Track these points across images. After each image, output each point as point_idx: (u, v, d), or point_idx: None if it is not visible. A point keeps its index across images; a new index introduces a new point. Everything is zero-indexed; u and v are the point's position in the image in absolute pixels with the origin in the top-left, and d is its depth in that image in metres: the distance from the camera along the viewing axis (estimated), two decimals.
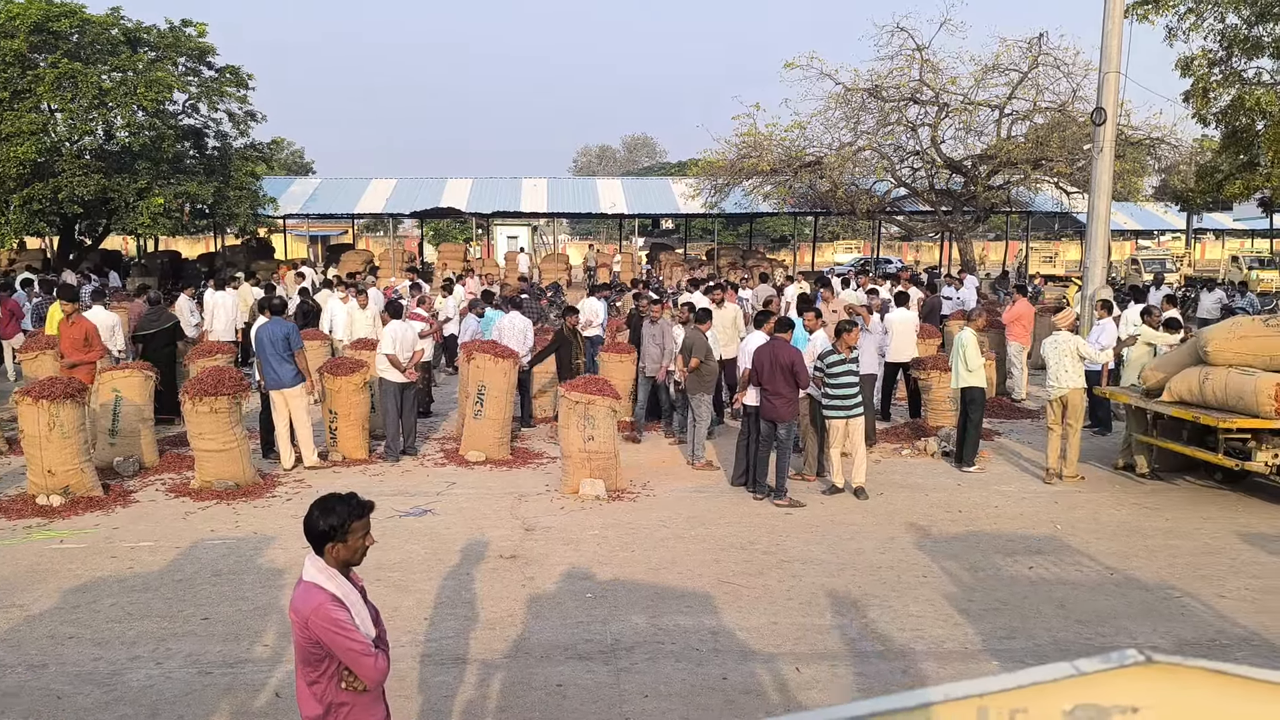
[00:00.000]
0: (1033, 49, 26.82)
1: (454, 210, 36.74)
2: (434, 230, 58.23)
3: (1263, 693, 1.04)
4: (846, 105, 28.56)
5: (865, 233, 53.98)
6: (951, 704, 0.99)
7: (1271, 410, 9.41)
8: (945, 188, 30.22)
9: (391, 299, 14.54)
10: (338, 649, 3.46)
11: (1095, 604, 7.49)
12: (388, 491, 10.41)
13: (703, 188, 32.45)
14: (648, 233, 57.12)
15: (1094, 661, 1.03)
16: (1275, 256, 40.76)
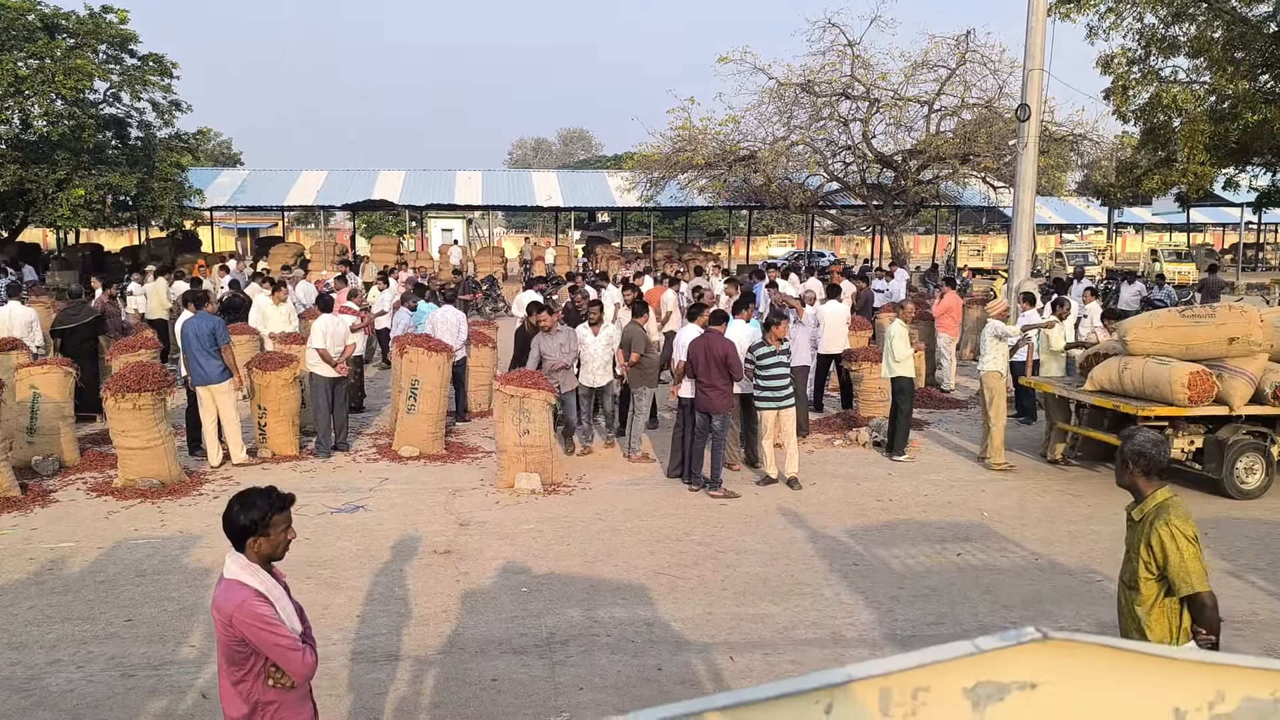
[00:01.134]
0: (960, 46, 27.32)
1: (387, 203, 36.29)
2: (366, 223, 57.39)
3: (1152, 665, 1.08)
4: (780, 100, 28.81)
5: (799, 226, 54.57)
6: (854, 684, 1.01)
7: (1185, 399, 9.73)
8: (876, 182, 30.67)
9: (322, 293, 14.29)
10: (264, 645, 3.40)
11: (1021, 588, 7.68)
12: (319, 488, 10.26)
13: (638, 181, 32.49)
14: (584, 226, 57.05)
15: (993, 640, 1.06)
16: (1192, 250, 42.13)
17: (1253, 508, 9.78)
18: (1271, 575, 7.96)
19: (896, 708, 1.02)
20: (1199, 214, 48.71)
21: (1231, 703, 1.12)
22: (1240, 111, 16.10)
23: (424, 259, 34.47)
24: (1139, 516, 4.08)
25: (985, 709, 1.05)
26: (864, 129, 28.81)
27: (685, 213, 44.85)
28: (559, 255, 36.45)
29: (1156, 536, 3.92)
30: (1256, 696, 1.12)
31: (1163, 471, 4.10)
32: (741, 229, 51.47)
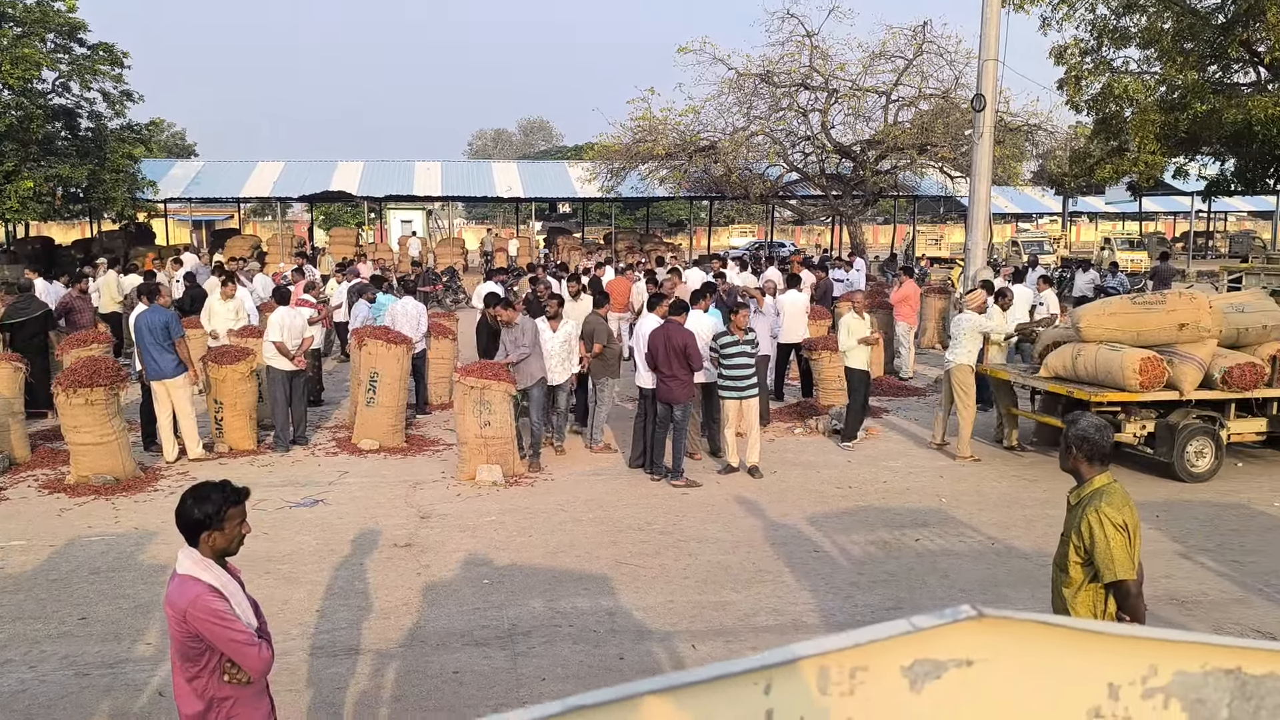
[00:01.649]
0: (917, 37, 27.51)
1: (345, 194, 35.94)
2: (325, 214, 56.78)
3: (1086, 641, 1.11)
4: (739, 90, 28.86)
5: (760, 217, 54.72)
6: (793, 664, 1.02)
7: (1137, 384, 9.91)
8: (835, 172, 30.83)
9: (279, 285, 14.13)
10: (219, 641, 3.37)
11: (977, 573, 7.79)
12: (277, 482, 10.16)
13: (599, 171, 32.42)
14: (545, 216, 56.82)
15: (929, 618, 1.08)
16: (1144, 238, 42.83)
17: (1202, 490, 9.99)
18: (1220, 556, 8.14)
19: (835, 686, 1.04)
20: (1151, 203, 49.51)
21: (1164, 676, 1.15)
22: (1189, 101, 16.39)
23: (383, 250, 34.16)
24: (1075, 501, 4.14)
25: (922, 686, 1.07)
26: (823, 119, 28.95)
27: (646, 203, 44.83)
28: (521, 246, 36.28)
29: (1086, 522, 3.98)
30: (1188, 670, 1.16)
31: (1105, 457, 4.14)
32: (703, 219, 51.54)
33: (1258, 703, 1.19)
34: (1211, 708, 1.18)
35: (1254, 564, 7.96)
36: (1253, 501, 9.66)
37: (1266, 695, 1.20)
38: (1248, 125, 15.72)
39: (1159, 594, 7.29)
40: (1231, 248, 46.02)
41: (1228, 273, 13.24)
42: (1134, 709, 1.16)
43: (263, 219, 61.06)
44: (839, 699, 1.05)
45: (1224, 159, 20.07)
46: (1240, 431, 10.60)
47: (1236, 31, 16.35)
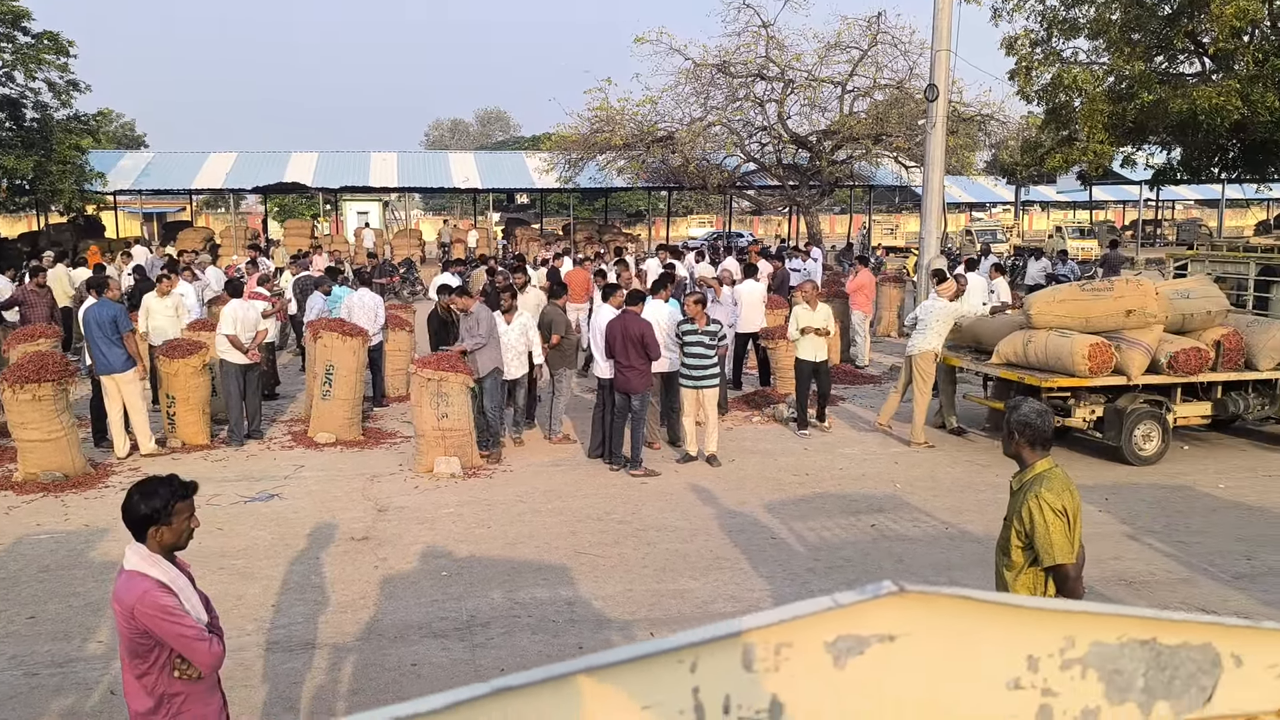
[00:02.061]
0: (872, 28, 27.68)
1: (299, 185, 35.52)
2: (279, 206, 56.04)
3: (1006, 614, 1.14)
4: (696, 81, 28.86)
5: (718, 207, 54.91)
6: (717, 642, 1.05)
7: (1086, 369, 10.09)
8: (792, 162, 30.97)
9: (231, 278, 13.95)
10: (168, 636, 3.34)
11: (931, 557, 7.90)
12: (231, 477, 10.05)
13: (557, 162, 32.31)
14: (503, 208, 56.56)
15: (851, 594, 1.10)
16: (1094, 227, 43.54)
17: (1150, 473, 10.20)
18: (1167, 537, 8.32)
19: (760, 663, 1.06)
20: (1100, 191, 50.29)
21: (1081, 648, 1.19)
22: (1136, 92, 16.67)
23: (339, 242, 33.82)
24: (1017, 486, 4.21)
25: (846, 662, 1.09)
26: (779, 110, 29.06)
27: (605, 194, 44.79)
28: (480, 238, 36.11)
29: (1026, 508, 4.04)
30: (1104, 641, 1.20)
31: (1047, 442, 4.20)
32: (661, 210, 51.57)
33: (1172, 672, 1.24)
34: (1128, 677, 1.22)
35: (1199, 544, 8.15)
36: (1198, 483, 9.89)
37: (1180, 665, 1.24)
38: (1192, 115, 16.03)
39: (1108, 575, 7.45)
40: (1179, 236, 46.92)
41: (1174, 260, 13.48)
42: (1053, 680, 1.20)
43: (215, 211, 60.16)
44: (764, 675, 1.07)
45: (1170, 148, 20.44)
46: (1186, 415, 10.83)
47: (1182, 22, 16.65)
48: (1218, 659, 1.27)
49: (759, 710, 1.07)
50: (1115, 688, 1.21)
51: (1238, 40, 16.09)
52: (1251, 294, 11.63)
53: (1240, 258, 12.02)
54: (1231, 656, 1.27)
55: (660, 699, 1.03)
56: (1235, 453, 11.17)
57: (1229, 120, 15.91)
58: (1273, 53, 16.08)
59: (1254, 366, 10.74)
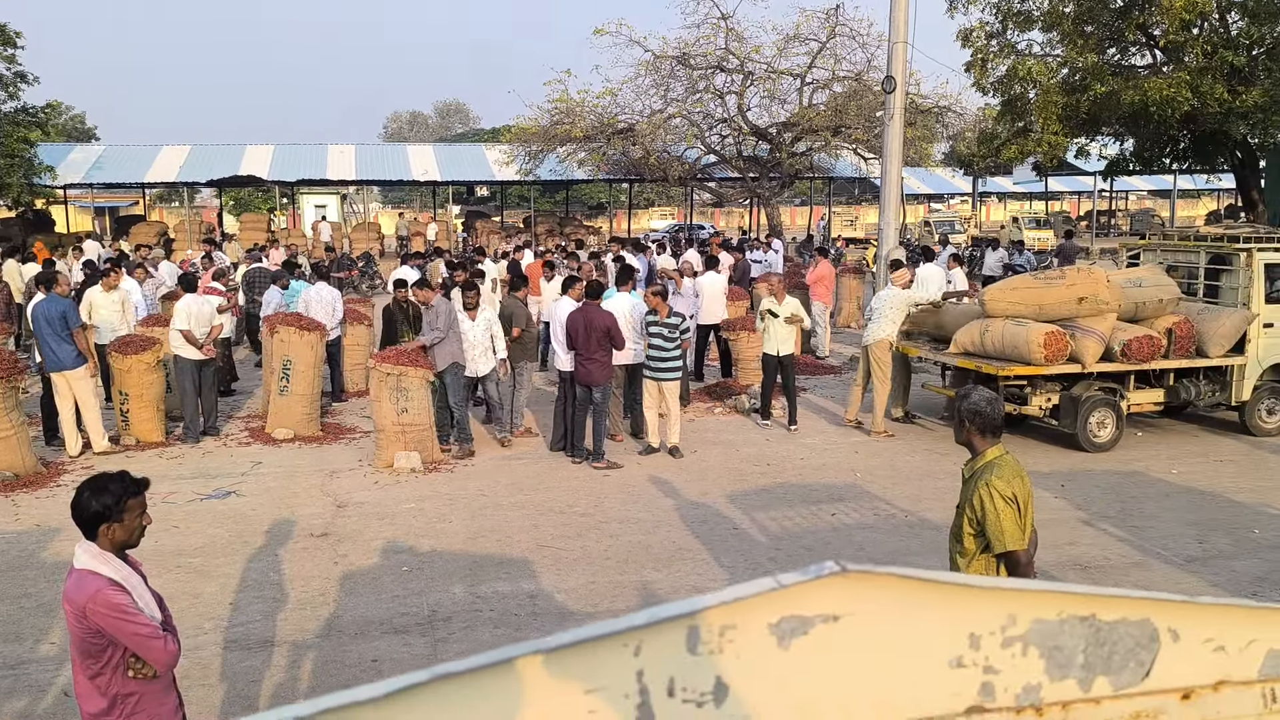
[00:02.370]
0: (830, 20, 27.84)
1: (255, 178, 35.06)
2: (234, 200, 55.29)
3: (947, 593, 1.16)
4: (656, 73, 28.89)
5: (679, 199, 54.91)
6: (661, 625, 1.05)
7: (1042, 358, 10.22)
8: (752, 154, 31.08)
9: (185, 272, 13.74)
10: (122, 635, 3.29)
11: (890, 544, 7.98)
12: (187, 474, 9.91)
13: (517, 154, 32.17)
14: (463, 200, 56.18)
15: (794, 575, 1.11)
16: (1050, 217, 44.12)
17: (1104, 459, 10.37)
18: (1122, 522, 8.47)
19: (704, 645, 1.06)
20: (1056, 182, 50.94)
21: (1022, 625, 1.21)
22: (1090, 83, 16.91)
23: (296, 236, 33.43)
24: (969, 474, 4.25)
25: (790, 642, 1.10)
26: (739, 102, 29.14)
27: (566, 186, 44.64)
28: (439, 230, 35.85)
29: (978, 495, 4.09)
30: (1044, 618, 1.22)
31: (997, 429, 4.23)
32: (622, 202, 51.51)
33: (1111, 647, 1.26)
34: (1068, 653, 1.25)
35: (1152, 529, 8.30)
36: (1151, 469, 10.07)
37: (1119, 640, 1.27)
38: (1144, 106, 16.28)
39: (1064, 560, 7.57)
40: (1132, 225, 47.67)
41: (1127, 250, 13.70)
42: (994, 657, 1.22)
43: (169, 205, 59.21)
44: (708, 657, 1.07)
45: (1123, 139, 20.76)
46: (1139, 402, 11.02)
47: (1133, 15, 16.90)
48: (1155, 634, 1.29)
49: (703, 693, 1.08)
50: (1055, 664, 1.24)
51: (1187, 33, 16.36)
52: (1202, 282, 11.84)
53: (1191, 247, 12.23)
54: (1169, 631, 1.30)
55: (604, 683, 1.03)
56: (1187, 438, 11.38)
57: (1179, 111, 16.19)
58: (1221, 45, 16.38)
59: (1205, 353, 10.94)
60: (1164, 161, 21.83)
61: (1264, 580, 7.24)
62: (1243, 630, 1.33)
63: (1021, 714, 1.22)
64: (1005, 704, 1.21)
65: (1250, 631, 1.34)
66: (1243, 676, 1.34)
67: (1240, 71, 16.24)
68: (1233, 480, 9.68)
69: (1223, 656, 1.33)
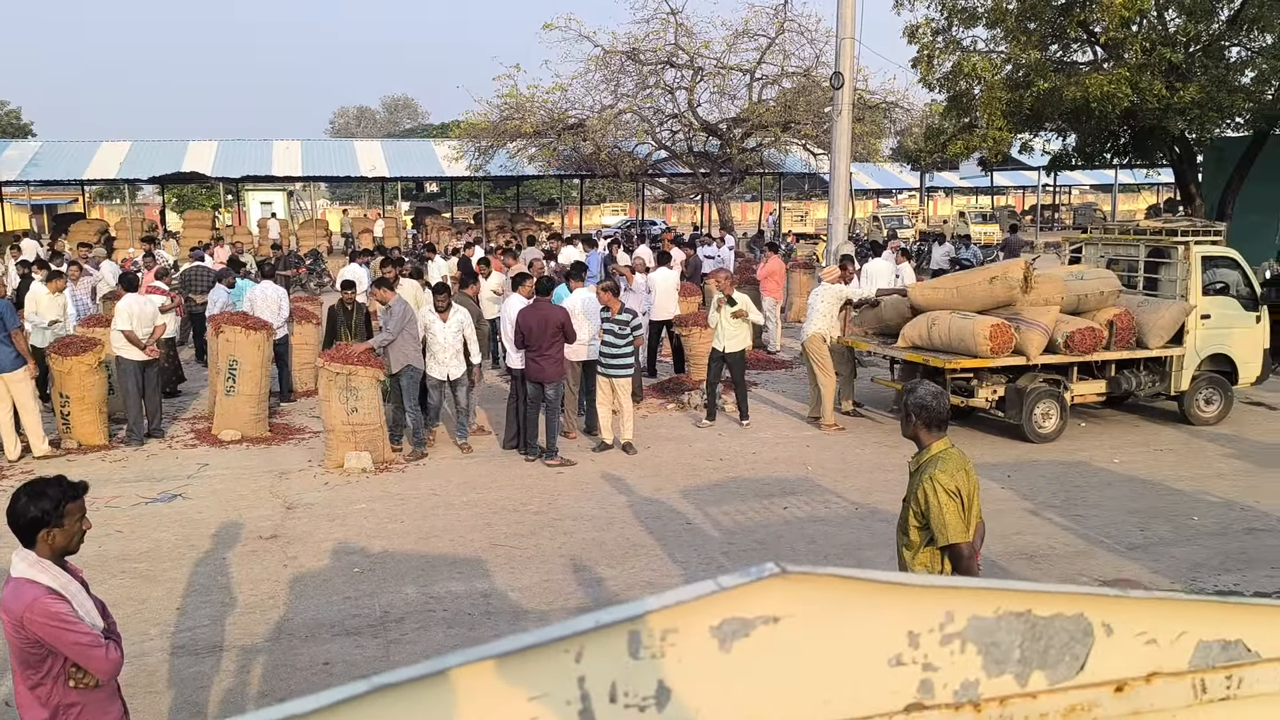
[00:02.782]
0: (778, 15, 27.96)
1: (198, 175, 34.45)
2: (177, 197, 54.25)
3: (886, 592, 1.17)
4: (606, 68, 28.81)
5: (631, 195, 54.92)
6: (602, 630, 1.05)
7: (988, 350, 10.38)
8: (703, 150, 31.15)
9: (126, 271, 13.46)
10: (62, 645, 3.22)
11: (842, 537, 8.06)
12: (131, 478, 9.73)
13: (466, 150, 31.92)
14: (412, 197, 55.69)
15: (735, 577, 1.12)
16: (996, 212, 44.80)
17: (1049, 450, 10.57)
18: (1066, 511, 8.63)
19: (645, 650, 1.07)
20: (1001, 177, 51.72)
21: (960, 622, 1.23)
22: (1033, 80, 17.18)
23: (241, 233, 32.91)
24: (915, 467, 4.31)
25: (731, 645, 1.11)
26: (689, 97, 29.18)
27: (517, 182, 44.43)
28: (387, 227, 35.49)
29: (922, 489, 4.15)
30: (982, 614, 1.24)
31: (943, 422, 4.29)
32: (574, 198, 51.40)
33: (1046, 642, 1.29)
34: (1005, 649, 1.27)
35: (1096, 517, 8.48)
36: (1094, 459, 10.28)
37: (1054, 635, 1.29)
38: (1085, 102, 16.57)
39: (1011, 550, 7.70)
40: (1075, 219, 48.58)
41: (1070, 243, 13.96)
42: (933, 655, 1.23)
43: (110, 202, 57.92)
44: (650, 661, 1.08)
45: (1065, 135, 21.12)
46: (1082, 393, 11.24)
47: (1074, 12, 17.18)
48: (1090, 628, 1.32)
49: (645, 697, 1.08)
50: (993, 660, 1.26)
51: (1126, 30, 16.68)
52: (1142, 275, 12.10)
53: (1131, 240, 12.49)
54: (1103, 625, 1.33)
55: (546, 689, 1.03)
56: (1128, 428, 11.63)
57: (1119, 107, 16.50)
58: (1159, 42, 16.72)
59: (1145, 345, 11.19)
60: (1105, 157, 22.25)
61: (1202, 566, 7.43)
62: (1173, 623, 1.37)
63: (960, 710, 1.24)
64: (944, 700, 1.23)
65: (1180, 624, 1.37)
66: (1174, 668, 1.38)
67: (1178, 68, 16.61)
68: (1172, 469, 9.91)
69: (1154, 649, 1.36)
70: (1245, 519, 8.41)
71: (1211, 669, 1.40)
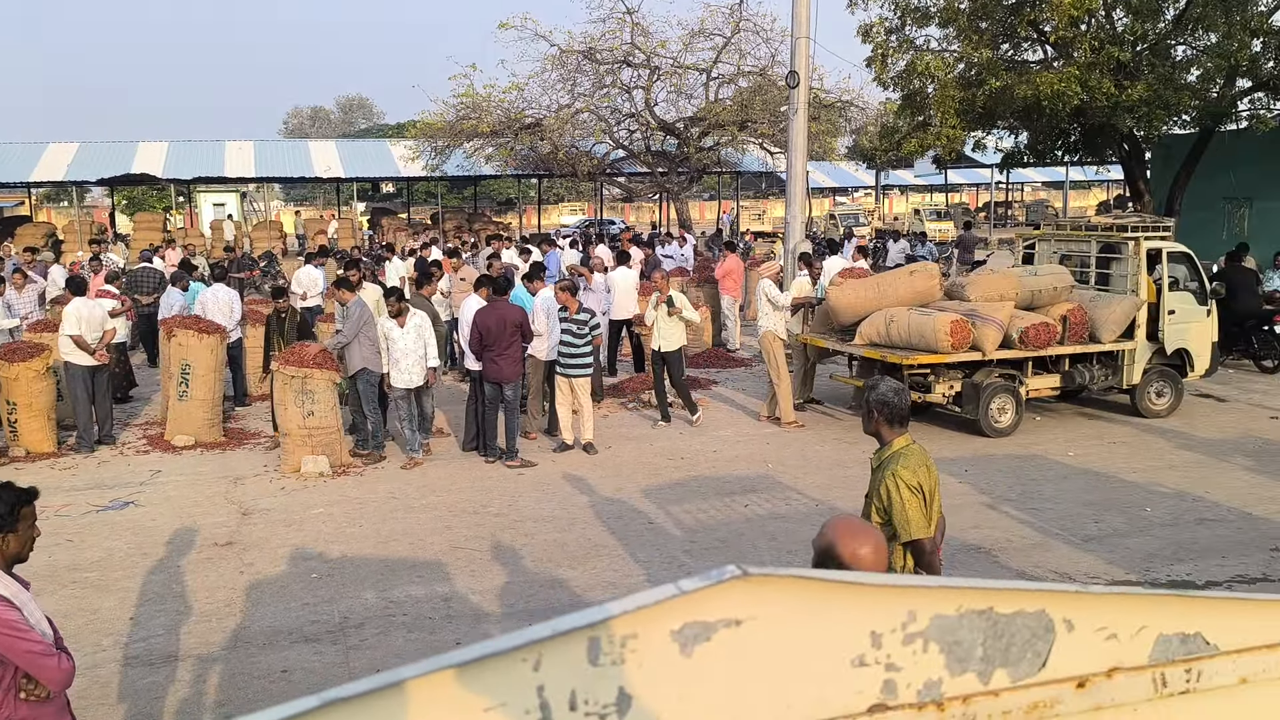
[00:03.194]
0: (734, 15, 28.04)
1: (148, 177, 33.86)
2: (127, 199, 53.29)
3: (848, 593, 1.17)
4: (562, 67, 28.73)
5: (589, 194, 54.85)
6: (563, 637, 1.03)
7: (948, 345, 10.48)
8: (661, 149, 31.17)
9: (74, 275, 13.18)
10: (14, 654, 3.14)
11: (803, 533, 8.08)
12: (82, 485, 9.53)
13: (423, 150, 31.67)
14: (368, 197, 55.20)
15: (695, 580, 1.11)
16: (950, 209, 45.31)
17: (1005, 444, 10.69)
18: (1023, 504, 8.74)
19: (605, 656, 1.05)
20: (955, 175, 52.28)
21: (922, 621, 1.23)
22: (985, 78, 17.36)
23: (194, 236, 32.40)
24: (877, 464, 4.33)
25: (693, 649, 1.10)
26: (646, 96, 29.19)
27: (474, 182, 44.15)
28: (342, 228, 35.11)
29: (884, 485, 4.17)
30: (944, 613, 1.24)
31: (904, 418, 4.31)
32: (532, 197, 51.21)
33: (1008, 640, 1.29)
34: (967, 647, 1.27)
35: (1051, 510, 8.59)
36: (1049, 452, 10.42)
37: (1016, 632, 1.30)
38: (1036, 100, 16.79)
39: (969, 543, 7.78)
40: (1028, 216, 49.27)
41: (1023, 239, 14.14)
42: (896, 654, 1.23)
43: (57, 205, 56.78)
44: (610, 668, 1.06)
45: (1017, 132, 21.37)
46: (1037, 388, 11.38)
47: (1025, 11, 17.40)
48: (1051, 624, 1.33)
49: (606, 705, 1.06)
50: (955, 658, 1.26)
51: (1076, 29, 16.92)
52: (1094, 271, 12.28)
53: (1083, 236, 12.67)
54: (1064, 621, 1.34)
55: (504, 699, 1.01)
56: (1082, 422, 11.80)
57: (1070, 105, 16.74)
58: (1108, 41, 16.97)
59: (1097, 339, 11.36)
60: (1056, 154, 22.55)
61: (1155, 556, 7.55)
62: (1133, 618, 1.38)
63: (923, 710, 1.24)
64: (907, 700, 1.23)
65: (1140, 618, 1.38)
66: (1134, 662, 1.39)
67: (1126, 67, 16.87)
68: (1125, 461, 10.07)
69: (1115, 644, 1.37)
70: (1196, 510, 8.56)
71: (1171, 662, 1.42)
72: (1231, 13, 16.29)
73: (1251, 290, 14.24)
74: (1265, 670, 1.49)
